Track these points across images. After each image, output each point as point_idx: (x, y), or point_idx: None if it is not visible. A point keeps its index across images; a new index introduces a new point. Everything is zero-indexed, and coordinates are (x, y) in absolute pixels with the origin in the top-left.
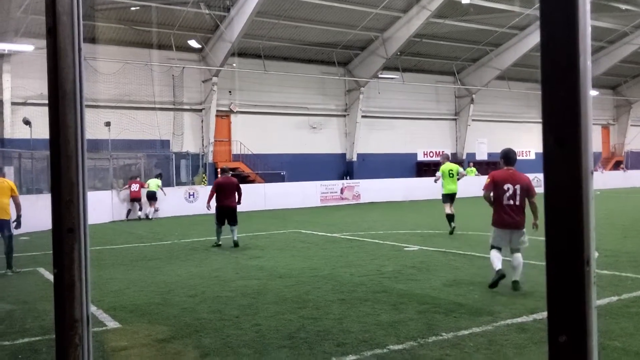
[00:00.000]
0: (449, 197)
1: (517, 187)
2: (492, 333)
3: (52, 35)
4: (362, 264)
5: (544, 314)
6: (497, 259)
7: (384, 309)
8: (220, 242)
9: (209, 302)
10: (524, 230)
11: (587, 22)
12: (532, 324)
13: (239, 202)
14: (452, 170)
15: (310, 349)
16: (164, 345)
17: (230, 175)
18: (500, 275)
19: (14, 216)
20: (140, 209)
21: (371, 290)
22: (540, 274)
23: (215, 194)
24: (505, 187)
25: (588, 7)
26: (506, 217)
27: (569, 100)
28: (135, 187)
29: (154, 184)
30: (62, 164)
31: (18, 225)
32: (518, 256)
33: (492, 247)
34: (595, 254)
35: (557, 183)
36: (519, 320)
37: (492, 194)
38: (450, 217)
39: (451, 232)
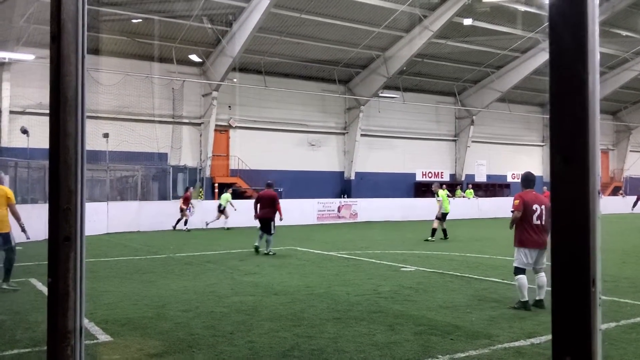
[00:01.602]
0: (445, 216)
1: (543, 207)
2: (489, 356)
3: (56, 43)
4: (358, 283)
5: (542, 338)
6: (525, 288)
7: (380, 329)
8: (257, 244)
9: (203, 318)
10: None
11: (596, 41)
12: (529, 348)
13: (279, 215)
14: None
15: None
16: None
17: (272, 189)
18: (526, 307)
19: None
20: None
21: (367, 310)
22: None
23: (256, 205)
24: (534, 207)
25: (597, 26)
26: (535, 236)
27: (577, 119)
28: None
29: (224, 198)
30: (61, 172)
31: (25, 232)
32: (542, 276)
33: (518, 269)
34: None
35: (563, 202)
36: (517, 344)
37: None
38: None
39: (432, 238)
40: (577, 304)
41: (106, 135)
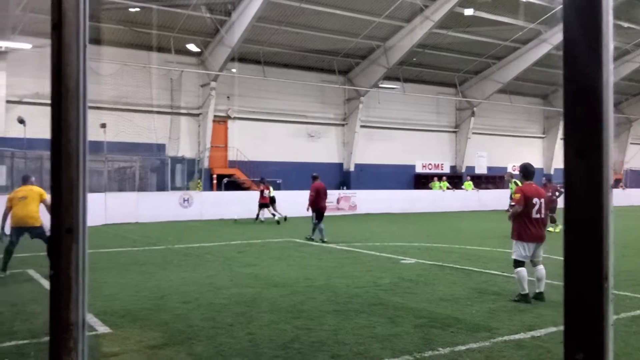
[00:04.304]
0: None
1: (542, 200)
2: (490, 349)
3: (57, 32)
4: (358, 275)
5: (542, 331)
6: (525, 280)
7: (380, 321)
8: (326, 239)
9: (202, 309)
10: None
11: (610, 33)
12: (529, 340)
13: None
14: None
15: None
16: (156, 351)
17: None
18: (526, 299)
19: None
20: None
21: (367, 302)
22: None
23: (315, 197)
24: (534, 201)
25: (611, 17)
26: (534, 230)
27: (592, 112)
28: (266, 192)
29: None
30: (63, 163)
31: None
32: (541, 268)
33: (517, 262)
34: None
35: (577, 196)
36: (517, 337)
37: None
38: None
39: None
40: (589, 299)
41: (104, 126)
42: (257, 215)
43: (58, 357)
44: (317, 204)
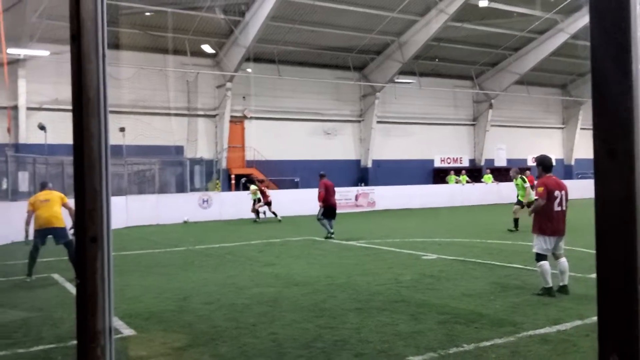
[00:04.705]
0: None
1: (563, 193)
2: (515, 344)
3: (76, 42)
4: (378, 272)
5: (567, 325)
6: (548, 274)
7: (403, 318)
8: (332, 233)
9: (225, 310)
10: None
11: (638, 34)
12: (555, 335)
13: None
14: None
15: (327, 359)
16: (181, 353)
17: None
18: (550, 293)
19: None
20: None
21: (389, 300)
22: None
23: (324, 194)
24: (556, 194)
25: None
26: (556, 224)
27: (622, 112)
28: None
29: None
30: (86, 172)
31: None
32: (564, 261)
33: (540, 256)
34: None
35: (609, 195)
36: (542, 331)
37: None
38: None
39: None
40: (623, 300)
41: (122, 130)
42: (260, 213)
43: None
44: (328, 200)
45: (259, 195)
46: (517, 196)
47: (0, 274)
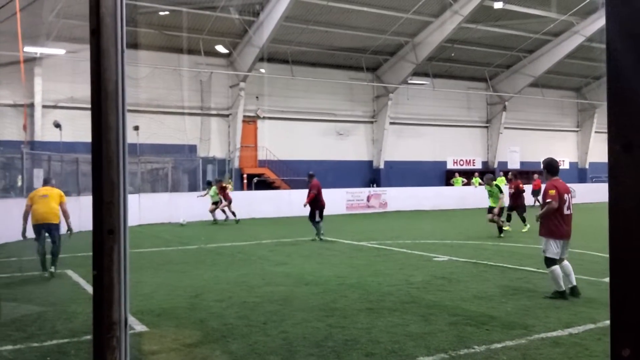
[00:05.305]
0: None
1: (569, 196)
2: (526, 347)
3: (96, 37)
4: (389, 273)
5: (580, 328)
6: (560, 278)
7: (413, 319)
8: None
9: (236, 308)
10: None
11: None
12: (567, 338)
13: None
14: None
15: (338, 358)
16: (192, 349)
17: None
18: (563, 296)
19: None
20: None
21: (400, 300)
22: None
23: (317, 195)
24: (565, 197)
25: None
26: (566, 227)
27: (637, 107)
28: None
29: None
30: (104, 165)
31: (69, 231)
32: (567, 264)
33: (550, 260)
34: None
35: (623, 191)
36: (554, 334)
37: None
38: None
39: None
40: (636, 296)
41: (136, 128)
42: (225, 214)
43: (102, 355)
44: (321, 201)
45: (220, 197)
46: (490, 203)
47: (15, 269)
